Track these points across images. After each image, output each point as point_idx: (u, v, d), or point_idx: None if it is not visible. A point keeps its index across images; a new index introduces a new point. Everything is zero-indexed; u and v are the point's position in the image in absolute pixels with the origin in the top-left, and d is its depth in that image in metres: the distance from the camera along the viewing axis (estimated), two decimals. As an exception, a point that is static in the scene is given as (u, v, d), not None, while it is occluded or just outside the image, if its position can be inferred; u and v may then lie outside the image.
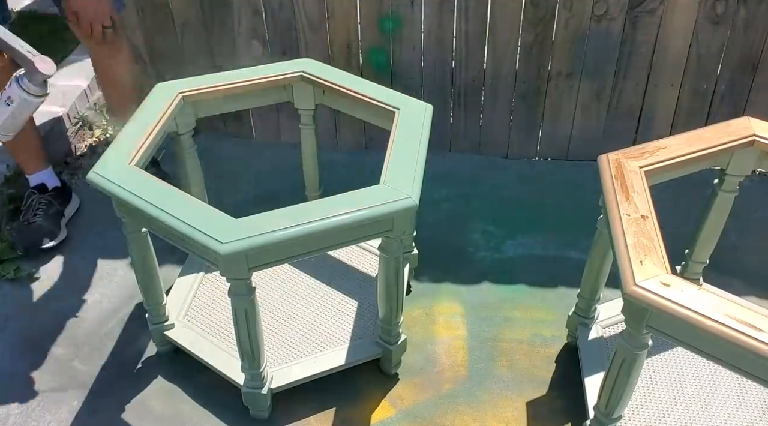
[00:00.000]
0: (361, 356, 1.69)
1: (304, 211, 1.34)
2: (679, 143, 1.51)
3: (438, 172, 2.42)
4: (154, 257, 1.62)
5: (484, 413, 1.66)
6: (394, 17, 2.27)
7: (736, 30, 2.21)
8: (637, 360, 1.30)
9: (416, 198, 1.38)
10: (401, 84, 2.40)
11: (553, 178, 2.46)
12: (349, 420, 1.65)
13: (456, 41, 2.31)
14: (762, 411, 1.56)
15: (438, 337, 1.86)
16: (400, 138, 1.54)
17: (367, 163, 2.47)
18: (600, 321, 1.75)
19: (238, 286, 1.38)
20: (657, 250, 1.24)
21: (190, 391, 1.70)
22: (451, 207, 2.32)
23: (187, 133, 1.76)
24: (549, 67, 2.34)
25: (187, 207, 1.34)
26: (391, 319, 1.63)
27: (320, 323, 1.78)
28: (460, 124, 2.49)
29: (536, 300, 1.97)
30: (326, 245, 1.42)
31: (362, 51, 2.36)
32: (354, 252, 2.00)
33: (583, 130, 2.46)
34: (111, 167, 1.43)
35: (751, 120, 1.59)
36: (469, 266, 2.08)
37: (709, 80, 2.32)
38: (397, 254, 1.50)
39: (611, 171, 1.43)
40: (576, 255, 2.10)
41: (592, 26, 2.23)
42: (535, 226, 2.23)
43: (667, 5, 2.17)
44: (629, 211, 1.32)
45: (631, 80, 2.34)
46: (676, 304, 1.14)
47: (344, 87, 1.72)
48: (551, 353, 1.81)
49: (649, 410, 1.55)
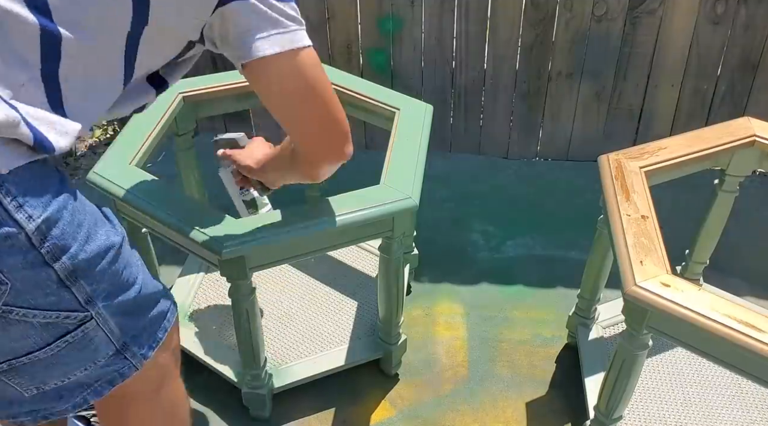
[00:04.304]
0: (361, 356, 1.69)
1: (304, 211, 1.34)
2: (679, 143, 1.51)
3: (438, 172, 2.42)
4: (154, 257, 1.62)
5: (484, 413, 1.66)
6: (394, 17, 2.27)
7: (736, 30, 2.20)
8: (637, 360, 1.30)
9: (416, 198, 1.38)
10: (401, 84, 2.40)
11: (553, 178, 2.46)
12: (349, 420, 1.64)
13: (456, 41, 2.31)
14: (762, 411, 1.56)
15: (438, 338, 1.86)
16: (400, 138, 1.55)
17: (367, 163, 2.47)
18: (600, 321, 1.75)
19: (238, 286, 1.38)
20: (657, 250, 1.24)
21: (190, 391, 1.69)
22: (451, 207, 2.32)
23: (187, 133, 1.76)
24: (549, 67, 2.34)
25: (187, 207, 1.34)
26: (391, 319, 1.63)
27: (320, 323, 1.78)
28: (460, 124, 2.49)
29: (536, 300, 1.97)
30: (326, 245, 1.42)
31: (362, 51, 2.36)
32: (354, 252, 2.00)
33: (583, 130, 2.46)
34: (111, 167, 1.43)
35: (751, 120, 1.59)
36: (469, 266, 2.08)
37: (709, 80, 2.32)
38: (397, 254, 1.50)
39: (611, 171, 1.43)
40: (576, 255, 2.10)
41: (593, 27, 2.23)
42: (535, 226, 2.23)
43: (667, 6, 2.17)
44: (629, 212, 1.32)
45: (631, 80, 2.34)
46: (676, 305, 1.14)
47: (344, 87, 1.71)
48: (551, 353, 1.81)
49: (649, 410, 1.55)
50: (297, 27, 0.99)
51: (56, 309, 0.85)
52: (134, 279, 0.96)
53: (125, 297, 0.94)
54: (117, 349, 0.95)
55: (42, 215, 0.81)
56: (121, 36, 0.89)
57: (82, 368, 0.92)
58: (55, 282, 0.84)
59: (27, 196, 0.80)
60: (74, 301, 0.87)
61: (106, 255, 0.90)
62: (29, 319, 0.84)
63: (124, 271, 0.94)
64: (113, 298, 0.92)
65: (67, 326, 0.88)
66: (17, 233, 0.79)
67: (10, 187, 0.78)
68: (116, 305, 0.93)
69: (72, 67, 0.85)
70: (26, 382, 0.90)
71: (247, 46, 0.95)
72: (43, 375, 0.91)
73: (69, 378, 0.92)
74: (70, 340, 0.89)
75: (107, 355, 0.94)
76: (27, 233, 0.80)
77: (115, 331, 0.94)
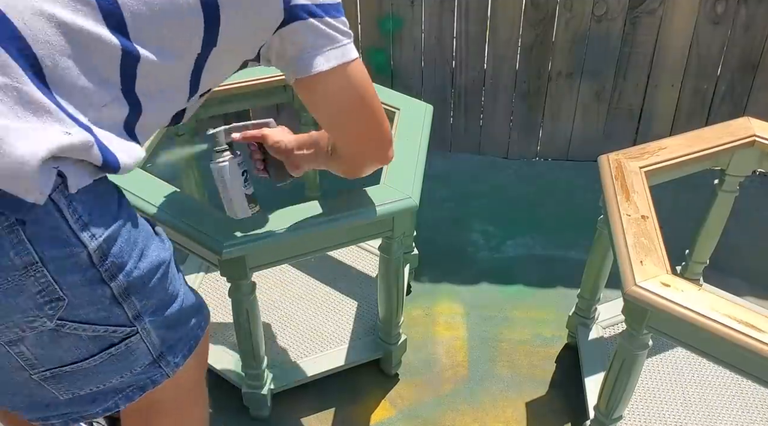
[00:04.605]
0: (361, 356, 1.69)
1: (304, 211, 1.34)
2: (679, 143, 1.51)
3: (438, 172, 2.42)
4: (154, 257, 1.62)
5: (484, 413, 1.66)
6: (394, 17, 2.27)
7: (736, 30, 2.21)
8: (637, 360, 1.30)
9: (416, 198, 1.38)
10: (401, 84, 2.40)
11: (553, 178, 2.46)
12: (349, 420, 1.64)
13: (456, 41, 2.31)
14: (762, 411, 1.56)
15: (438, 338, 1.86)
16: (400, 138, 1.55)
17: (367, 163, 2.47)
18: (600, 321, 1.75)
19: (238, 286, 1.38)
20: (657, 250, 1.24)
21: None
22: (451, 207, 2.32)
23: (188, 133, 1.76)
24: (549, 67, 2.34)
25: (186, 207, 1.34)
26: (391, 319, 1.63)
27: (320, 323, 1.78)
28: (460, 124, 2.49)
29: (536, 300, 1.97)
30: (326, 245, 1.42)
31: (362, 51, 2.36)
32: (354, 252, 2.00)
33: (583, 130, 2.46)
34: (111, 167, 1.43)
35: (751, 120, 1.59)
36: (469, 266, 2.08)
37: (710, 80, 2.32)
38: (397, 254, 1.50)
39: (611, 171, 1.43)
40: (576, 255, 2.10)
41: (593, 27, 2.23)
42: (535, 226, 2.23)
43: (667, 5, 2.17)
44: (629, 212, 1.32)
45: (631, 80, 2.34)
46: (676, 305, 1.14)
47: (344, 87, 1.71)
48: (551, 353, 1.81)
49: (649, 410, 1.55)
50: (347, 41, 1.01)
51: (106, 323, 0.87)
52: (178, 293, 0.97)
53: (170, 311, 0.95)
54: (154, 358, 0.96)
55: (104, 234, 0.82)
56: (192, 56, 0.90)
57: (119, 376, 0.93)
58: (109, 298, 0.85)
59: (92, 215, 0.81)
60: (124, 316, 0.88)
61: (158, 271, 0.91)
62: (79, 333, 0.85)
63: (171, 286, 0.95)
64: (160, 314, 0.93)
65: (113, 339, 0.89)
66: (80, 252, 0.80)
67: (77, 206, 0.79)
68: (162, 320, 0.94)
69: (147, 86, 0.86)
70: (65, 387, 0.91)
71: (303, 63, 0.98)
72: (83, 382, 0.91)
73: (105, 384, 0.93)
74: (113, 352, 0.90)
75: (144, 364, 0.95)
76: (89, 252, 0.81)
77: (156, 342, 0.95)
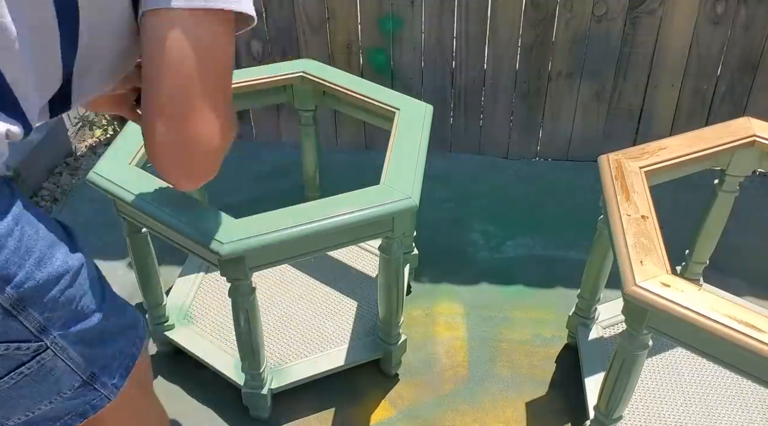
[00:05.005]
0: (361, 356, 1.69)
1: (304, 211, 1.34)
2: (679, 143, 1.51)
3: (438, 172, 2.42)
4: (154, 257, 1.62)
5: (484, 413, 1.66)
6: (394, 17, 2.27)
7: (736, 30, 2.20)
8: (637, 360, 1.30)
9: (416, 198, 1.38)
10: (401, 84, 2.40)
11: (553, 178, 2.46)
12: (349, 420, 1.64)
13: (456, 41, 2.31)
14: (762, 411, 1.56)
15: (438, 338, 1.86)
16: (400, 138, 1.54)
17: (367, 163, 2.47)
18: (600, 321, 1.75)
19: (238, 286, 1.38)
20: (657, 250, 1.24)
21: (190, 391, 1.70)
22: (451, 207, 2.32)
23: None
24: (549, 67, 2.34)
25: (186, 207, 1.34)
26: (391, 319, 1.63)
27: (320, 323, 1.78)
28: (460, 124, 2.49)
29: (536, 300, 1.97)
30: (326, 245, 1.42)
31: (362, 51, 2.36)
32: (354, 252, 2.00)
33: (583, 130, 2.46)
34: (111, 167, 1.43)
35: (751, 120, 1.59)
36: (469, 266, 2.08)
37: (710, 80, 2.32)
38: (397, 254, 1.50)
39: (611, 171, 1.43)
40: (576, 255, 2.10)
41: (593, 27, 2.23)
42: (535, 226, 2.23)
43: (667, 6, 2.17)
44: (629, 212, 1.32)
45: (631, 80, 2.34)
46: (676, 305, 1.14)
47: (344, 87, 1.71)
48: (551, 353, 1.81)
49: (649, 410, 1.55)
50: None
51: (4, 340, 0.77)
52: (96, 305, 0.87)
53: (85, 325, 0.85)
54: (84, 380, 0.87)
55: None
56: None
57: (46, 401, 0.86)
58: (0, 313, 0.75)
59: None
60: (24, 330, 0.78)
61: (59, 281, 0.80)
62: None
63: (83, 298, 0.85)
64: (70, 327, 0.83)
65: (21, 358, 0.80)
66: None
67: None
68: (75, 334, 0.84)
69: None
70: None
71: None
72: (5, 410, 0.84)
73: (33, 412, 0.86)
74: (25, 371, 0.81)
75: (73, 386, 0.87)
76: None
77: (77, 360, 0.85)
